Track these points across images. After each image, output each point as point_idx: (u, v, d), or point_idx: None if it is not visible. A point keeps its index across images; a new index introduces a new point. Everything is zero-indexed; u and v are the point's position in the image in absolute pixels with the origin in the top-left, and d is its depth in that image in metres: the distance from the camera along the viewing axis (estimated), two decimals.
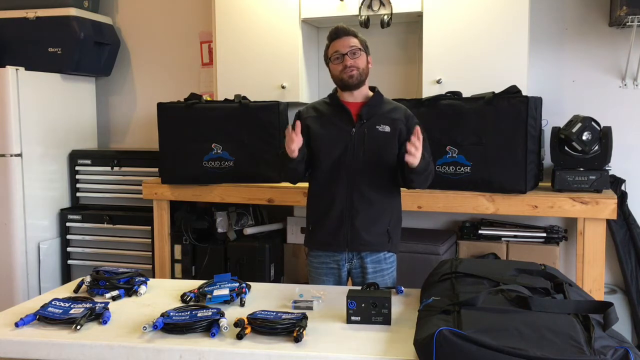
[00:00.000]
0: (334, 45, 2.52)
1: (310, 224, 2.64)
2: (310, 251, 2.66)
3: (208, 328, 1.86)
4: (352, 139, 2.50)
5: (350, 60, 2.47)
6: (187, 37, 4.25)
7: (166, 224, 3.69)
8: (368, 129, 2.50)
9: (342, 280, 2.60)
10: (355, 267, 2.57)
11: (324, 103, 2.64)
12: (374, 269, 2.55)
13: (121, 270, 2.41)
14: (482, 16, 3.29)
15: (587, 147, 3.03)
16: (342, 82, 2.52)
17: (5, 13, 4.05)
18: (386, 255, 2.58)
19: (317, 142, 2.54)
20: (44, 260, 3.94)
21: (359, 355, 1.72)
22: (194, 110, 3.52)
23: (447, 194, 3.15)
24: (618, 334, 1.66)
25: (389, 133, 2.51)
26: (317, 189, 2.59)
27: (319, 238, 2.59)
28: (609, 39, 3.45)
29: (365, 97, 2.57)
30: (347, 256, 2.57)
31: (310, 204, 2.66)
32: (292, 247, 3.70)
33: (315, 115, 2.60)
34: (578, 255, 3.03)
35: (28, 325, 1.95)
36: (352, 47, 2.49)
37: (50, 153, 4.00)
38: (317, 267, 2.62)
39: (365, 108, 2.53)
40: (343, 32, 2.51)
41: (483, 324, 1.61)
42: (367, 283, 2.27)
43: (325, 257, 2.59)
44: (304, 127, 2.55)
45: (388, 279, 2.59)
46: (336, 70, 2.52)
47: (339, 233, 2.52)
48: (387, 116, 2.54)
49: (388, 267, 2.59)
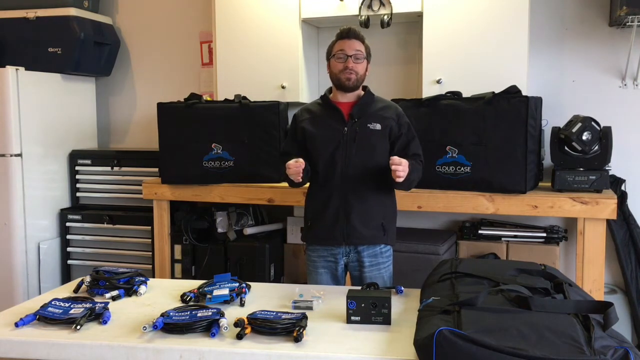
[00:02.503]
0: (341, 44, 2.59)
1: (308, 220, 2.71)
2: (308, 246, 2.72)
3: (208, 328, 1.86)
4: (345, 138, 2.57)
5: (352, 63, 2.55)
6: (187, 37, 4.25)
7: (166, 224, 3.69)
8: (359, 127, 2.58)
9: (338, 274, 2.66)
10: (352, 260, 2.64)
11: (317, 104, 2.73)
12: (370, 263, 2.61)
13: (121, 270, 2.41)
14: (482, 16, 3.29)
15: (587, 147, 3.03)
16: (339, 82, 2.60)
17: (5, 13, 4.05)
18: (383, 250, 2.64)
19: (312, 143, 2.63)
20: (44, 260, 3.94)
21: (359, 355, 1.72)
22: (194, 110, 3.52)
23: (447, 194, 3.15)
24: (618, 334, 1.66)
25: (379, 131, 2.58)
26: (314, 186, 2.68)
27: (316, 233, 2.66)
28: (609, 39, 3.45)
29: (357, 96, 2.65)
30: (344, 250, 2.62)
31: (307, 201, 2.74)
32: (292, 247, 3.70)
33: (309, 117, 2.68)
34: (578, 255, 3.03)
35: (28, 325, 1.95)
36: (358, 51, 2.58)
37: (50, 153, 4.00)
38: (314, 261, 2.68)
39: (356, 107, 2.61)
40: (353, 35, 2.59)
41: (483, 324, 1.61)
42: (367, 283, 2.28)
43: (323, 250, 2.65)
44: (300, 129, 2.67)
45: (385, 272, 2.64)
46: (336, 68, 2.59)
47: (336, 228, 2.59)
48: (378, 114, 2.61)
49: (384, 260, 2.65)
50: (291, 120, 2.80)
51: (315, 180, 2.65)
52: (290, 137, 2.76)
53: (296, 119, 2.72)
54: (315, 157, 2.61)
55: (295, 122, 2.72)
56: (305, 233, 2.74)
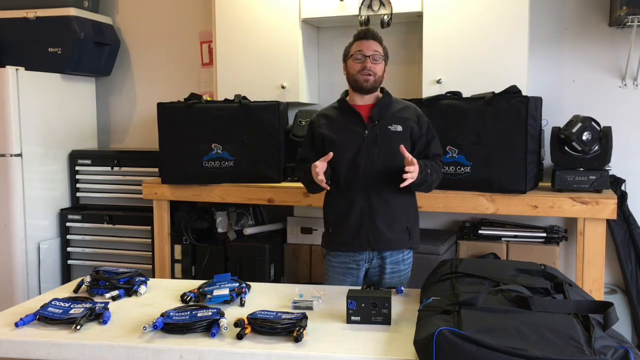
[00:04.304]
0: (359, 44, 2.55)
1: (329, 226, 2.65)
2: (329, 251, 2.67)
3: (208, 328, 1.86)
4: (366, 141, 2.53)
5: (370, 64, 2.51)
6: (187, 37, 4.25)
7: (166, 224, 3.68)
8: (380, 129, 2.53)
9: (359, 280, 2.62)
10: (374, 266, 2.60)
11: (333, 108, 2.67)
12: (392, 270, 2.59)
13: (121, 270, 2.41)
14: (482, 16, 3.29)
15: (587, 147, 3.03)
16: (357, 83, 2.55)
17: (5, 13, 4.05)
18: (405, 256, 2.62)
19: (331, 148, 2.54)
20: (44, 260, 3.94)
21: (359, 355, 1.72)
22: (194, 110, 3.52)
23: (447, 194, 3.15)
24: (618, 334, 1.66)
25: (401, 132, 2.54)
26: (335, 191, 2.59)
27: (339, 239, 2.60)
28: (609, 39, 3.45)
29: (375, 98, 2.60)
30: (368, 256, 2.59)
31: (328, 207, 2.68)
32: (292, 247, 3.69)
33: (326, 122, 2.62)
34: (578, 255, 3.03)
35: (28, 325, 1.95)
36: (376, 52, 2.54)
37: (50, 153, 4.00)
38: (335, 267, 2.64)
39: (376, 109, 2.56)
40: (372, 36, 2.56)
41: (483, 324, 1.61)
42: (367, 283, 2.28)
43: (345, 257, 2.61)
44: (317, 135, 2.61)
45: (404, 279, 2.62)
46: (354, 68, 2.55)
47: (360, 233, 2.54)
48: (398, 115, 2.57)
49: (405, 267, 2.63)
50: (307, 127, 2.74)
51: (336, 185, 2.58)
52: (307, 144, 2.69)
53: (313, 125, 2.66)
54: (336, 162, 2.52)
55: (312, 129, 2.65)
56: (326, 239, 2.67)
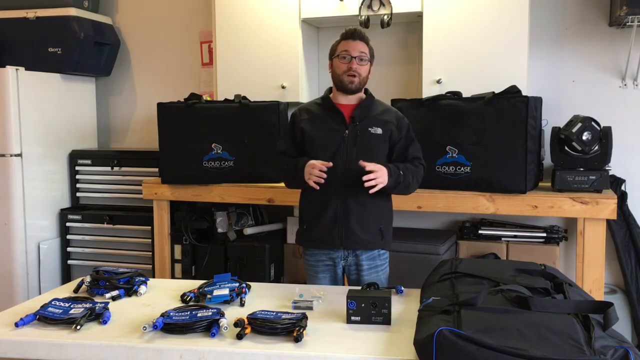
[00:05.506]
0: (346, 44, 2.55)
1: (304, 222, 2.67)
2: (305, 249, 2.70)
3: (208, 328, 1.86)
4: (345, 141, 2.54)
5: (356, 65, 2.52)
6: (187, 37, 4.25)
7: (166, 224, 3.68)
8: (361, 130, 2.55)
9: (337, 277, 2.65)
10: (350, 264, 2.62)
11: (316, 104, 2.68)
12: (369, 266, 2.60)
13: (121, 270, 2.41)
14: (482, 16, 3.29)
15: (587, 147, 3.03)
16: (342, 84, 2.57)
17: (5, 13, 4.05)
18: (380, 253, 2.64)
19: (311, 144, 2.58)
20: (44, 260, 3.94)
21: (359, 355, 1.72)
22: (194, 110, 3.52)
23: (447, 194, 3.15)
24: (618, 334, 1.66)
25: (380, 135, 2.56)
26: (311, 188, 2.57)
27: (313, 236, 2.62)
28: (609, 39, 3.45)
29: (359, 99, 2.62)
30: (342, 254, 2.61)
31: (303, 203, 2.69)
32: (292, 247, 3.69)
33: (308, 118, 2.63)
34: (578, 255, 3.03)
35: (28, 325, 1.95)
36: (362, 53, 2.54)
37: (50, 153, 4.00)
38: (313, 265, 2.66)
39: (358, 110, 2.58)
40: (359, 36, 2.56)
41: (483, 324, 1.61)
42: (367, 283, 2.27)
43: (321, 254, 2.63)
44: (298, 129, 2.62)
45: (382, 274, 2.64)
46: (339, 68, 2.55)
47: (333, 232, 2.56)
48: (379, 118, 2.59)
49: (382, 263, 2.65)
50: (289, 119, 2.76)
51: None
52: (287, 136, 2.70)
53: (295, 119, 2.67)
54: (314, 159, 2.53)
55: (294, 122, 2.67)
56: (300, 235, 2.69)
